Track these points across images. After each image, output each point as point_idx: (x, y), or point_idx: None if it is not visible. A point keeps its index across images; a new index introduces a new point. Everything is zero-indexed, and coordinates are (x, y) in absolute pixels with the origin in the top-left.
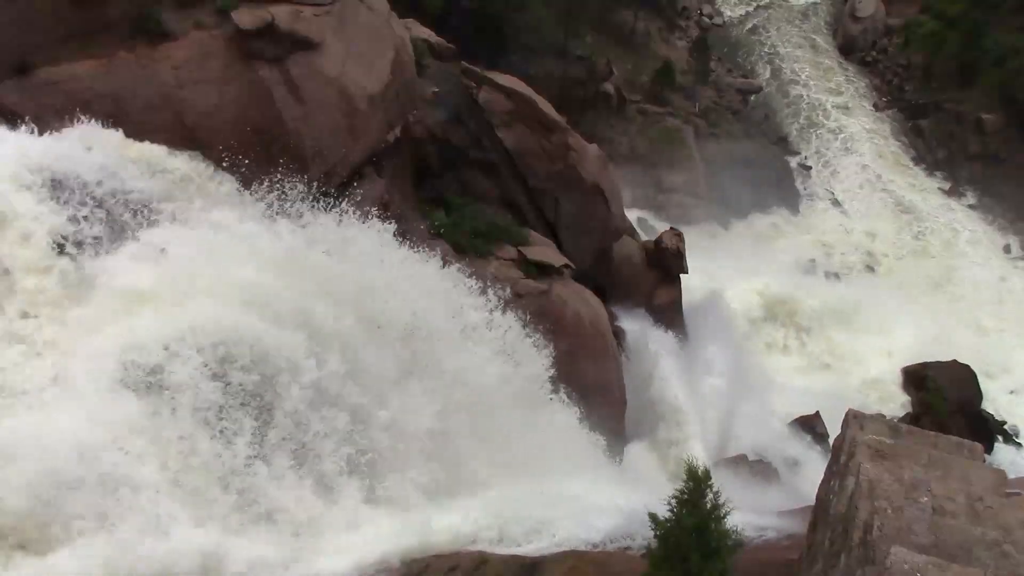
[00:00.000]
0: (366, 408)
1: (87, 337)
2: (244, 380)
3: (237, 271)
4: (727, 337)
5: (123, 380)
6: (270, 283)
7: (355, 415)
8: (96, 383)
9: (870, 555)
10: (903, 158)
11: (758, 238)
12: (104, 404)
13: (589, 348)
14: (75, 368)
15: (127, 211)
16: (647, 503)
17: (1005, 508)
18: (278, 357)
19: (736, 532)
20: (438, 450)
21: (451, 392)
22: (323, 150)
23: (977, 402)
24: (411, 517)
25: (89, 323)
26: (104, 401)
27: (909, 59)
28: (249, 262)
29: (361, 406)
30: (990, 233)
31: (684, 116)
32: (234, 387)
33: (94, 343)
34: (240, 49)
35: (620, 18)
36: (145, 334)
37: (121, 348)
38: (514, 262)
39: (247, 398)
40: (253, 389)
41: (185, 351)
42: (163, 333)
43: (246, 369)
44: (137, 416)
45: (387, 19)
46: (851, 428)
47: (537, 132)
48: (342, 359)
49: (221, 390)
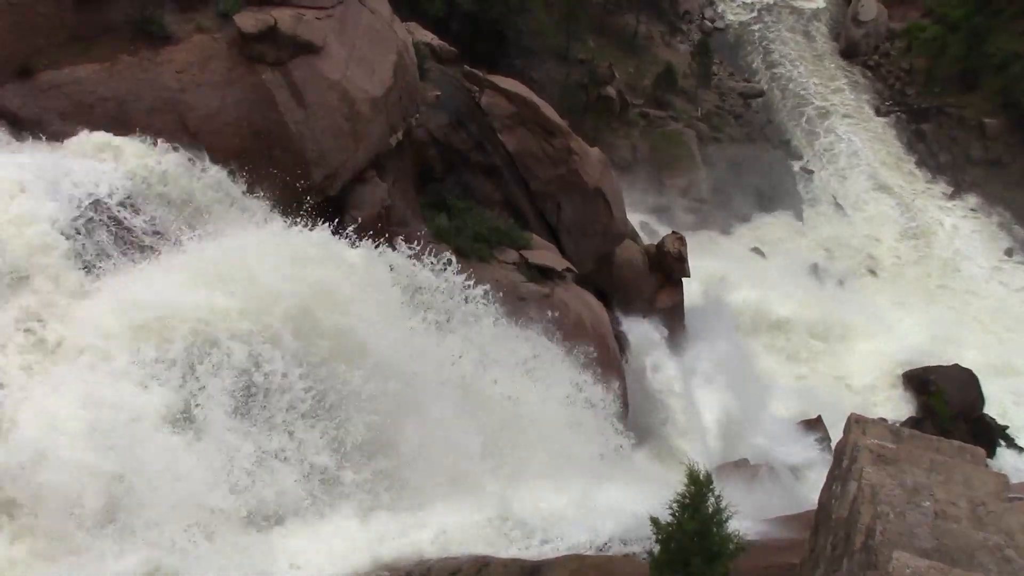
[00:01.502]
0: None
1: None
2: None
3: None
4: (730, 341)
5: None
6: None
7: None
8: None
9: (872, 560)
10: (905, 162)
11: (760, 242)
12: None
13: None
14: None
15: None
16: (649, 507)
17: (1007, 513)
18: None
19: (738, 536)
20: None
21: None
22: (325, 154)
23: (979, 406)
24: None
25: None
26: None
27: (911, 63)
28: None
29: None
30: (992, 237)
31: (686, 120)
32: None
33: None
34: (242, 52)
35: (622, 22)
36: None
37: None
38: (516, 266)
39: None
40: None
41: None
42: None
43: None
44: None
45: (389, 22)
46: (853, 432)
47: (539, 136)
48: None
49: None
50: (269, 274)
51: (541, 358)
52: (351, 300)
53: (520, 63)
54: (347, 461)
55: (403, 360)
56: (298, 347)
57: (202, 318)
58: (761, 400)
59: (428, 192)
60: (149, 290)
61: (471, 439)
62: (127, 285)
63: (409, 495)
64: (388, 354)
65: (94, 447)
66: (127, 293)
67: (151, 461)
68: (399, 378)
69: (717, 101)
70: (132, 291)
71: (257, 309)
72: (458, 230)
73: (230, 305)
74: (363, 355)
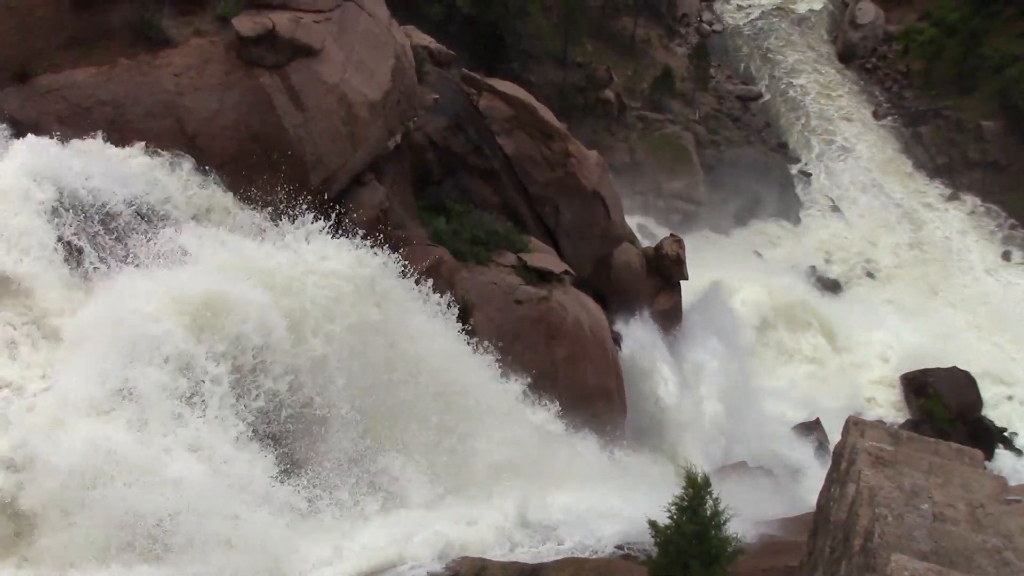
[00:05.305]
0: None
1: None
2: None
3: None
4: (728, 343)
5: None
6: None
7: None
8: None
9: (871, 562)
10: (903, 165)
11: (758, 244)
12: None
13: (589, 355)
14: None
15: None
16: (647, 510)
17: (1006, 515)
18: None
19: (736, 539)
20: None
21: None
22: (323, 157)
23: (977, 408)
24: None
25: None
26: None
27: (909, 66)
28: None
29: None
30: (990, 240)
31: (684, 123)
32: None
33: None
34: (240, 56)
35: (620, 25)
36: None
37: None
38: (514, 269)
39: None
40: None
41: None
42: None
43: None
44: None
45: (387, 26)
46: (851, 435)
47: (537, 139)
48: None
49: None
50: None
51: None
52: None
53: (518, 66)
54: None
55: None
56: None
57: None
58: (759, 403)
59: (426, 195)
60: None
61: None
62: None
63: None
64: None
65: None
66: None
67: None
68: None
69: (715, 104)
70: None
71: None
72: (456, 233)
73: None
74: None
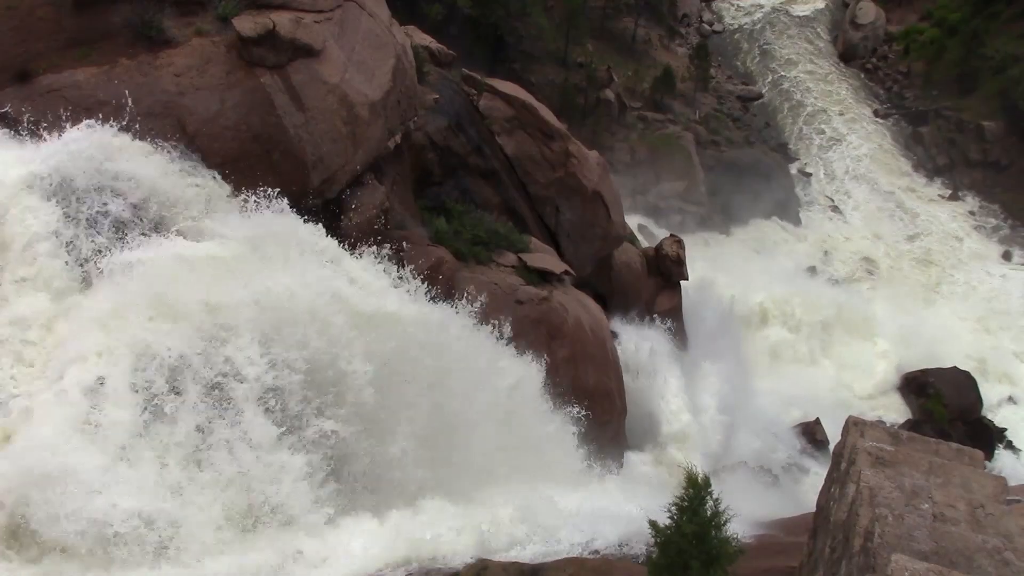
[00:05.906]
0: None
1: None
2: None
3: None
4: (728, 343)
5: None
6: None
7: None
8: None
9: (871, 562)
10: (903, 165)
11: (758, 244)
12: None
13: (590, 355)
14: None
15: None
16: (648, 510)
17: (1006, 515)
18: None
19: (736, 539)
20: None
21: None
22: (324, 157)
23: (977, 409)
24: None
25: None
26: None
27: (909, 66)
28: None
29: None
30: (990, 239)
31: (684, 123)
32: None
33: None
34: (241, 56)
35: (621, 25)
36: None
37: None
38: (514, 269)
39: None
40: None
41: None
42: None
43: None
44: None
45: (388, 26)
46: (851, 435)
47: (538, 139)
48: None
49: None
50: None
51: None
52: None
53: (519, 67)
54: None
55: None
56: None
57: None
58: (759, 402)
59: (427, 196)
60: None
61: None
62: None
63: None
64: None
65: None
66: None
67: None
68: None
69: (715, 104)
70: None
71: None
72: (456, 233)
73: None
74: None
